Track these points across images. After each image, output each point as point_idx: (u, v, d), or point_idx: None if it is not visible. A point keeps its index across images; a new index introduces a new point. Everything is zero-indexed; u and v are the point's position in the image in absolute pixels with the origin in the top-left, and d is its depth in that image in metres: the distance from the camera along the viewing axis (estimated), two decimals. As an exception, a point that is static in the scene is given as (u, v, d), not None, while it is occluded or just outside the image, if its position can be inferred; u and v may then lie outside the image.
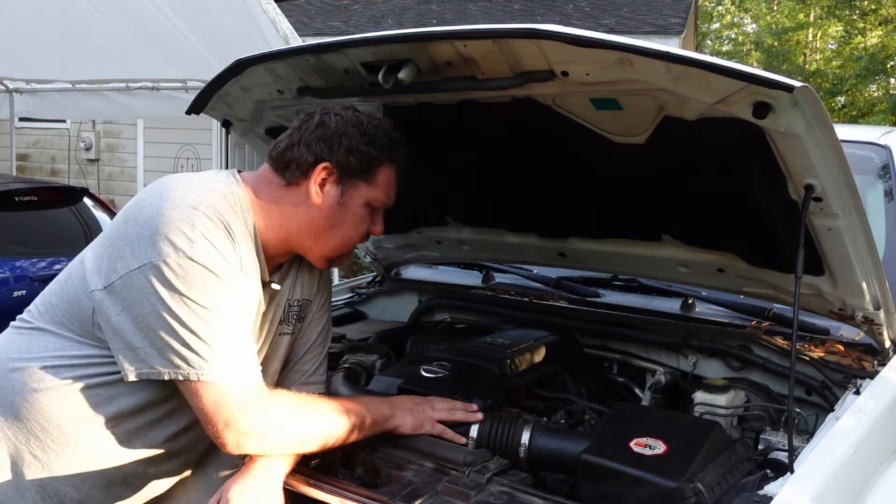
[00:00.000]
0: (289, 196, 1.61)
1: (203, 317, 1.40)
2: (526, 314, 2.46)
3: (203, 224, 1.43)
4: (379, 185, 1.65)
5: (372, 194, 1.65)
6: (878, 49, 15.60)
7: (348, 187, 1.62)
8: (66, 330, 1.52)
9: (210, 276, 1.41)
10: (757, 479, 1.50)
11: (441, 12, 11.81)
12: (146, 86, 6.55)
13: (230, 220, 1.49)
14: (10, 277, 4.68)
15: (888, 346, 1.92)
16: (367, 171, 1.62)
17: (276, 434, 1.48)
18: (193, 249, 1.40)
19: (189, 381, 1.41)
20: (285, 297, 1.72)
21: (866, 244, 1.68)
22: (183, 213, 1.43)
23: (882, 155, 2.53)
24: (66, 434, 1.51)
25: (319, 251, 1.66)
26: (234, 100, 2.04)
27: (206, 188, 1.51)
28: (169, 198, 1.46)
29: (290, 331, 1.75)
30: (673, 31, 10.39)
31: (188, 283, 1.40)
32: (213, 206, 1.47)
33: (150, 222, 1.43)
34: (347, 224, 1.65)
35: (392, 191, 1.69)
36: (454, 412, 1.72)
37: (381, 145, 1.63)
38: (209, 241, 1.43)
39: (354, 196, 1.63)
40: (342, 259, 1.71)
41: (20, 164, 10.24)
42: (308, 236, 1.63)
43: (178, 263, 1.39)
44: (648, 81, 1.51)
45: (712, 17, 25.87)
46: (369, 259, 2.83)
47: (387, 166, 1.65)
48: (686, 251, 2.08)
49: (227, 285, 1.44)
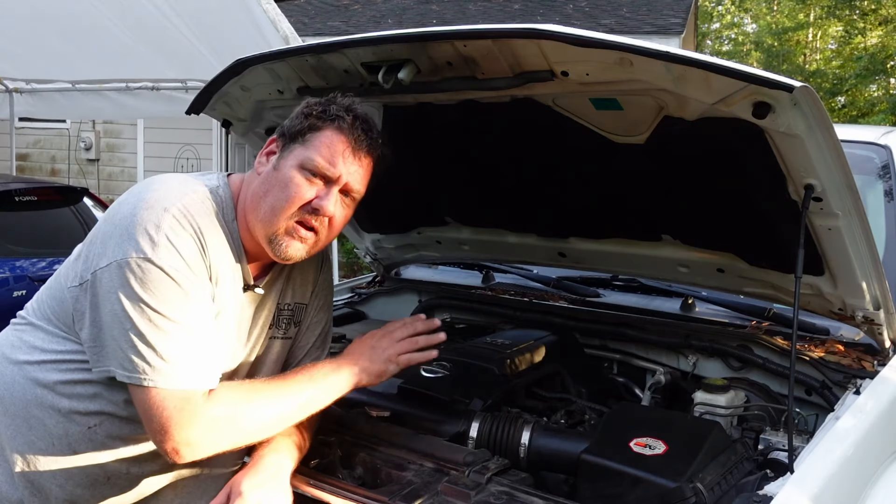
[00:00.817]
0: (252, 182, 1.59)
1: (154, 322, 1.38)
2: (526, 314, 2.46)
3: (169, 226, 1.41)
4: (313, 146, 1.53)
5: (303, 154, 1.53)
6: (878, 49, 15.59)
7: (286, 152, 1.55)
8: (52, 325, 1.54)
9: (167, 281, 1.39)
10: (757, 479, 1.50)
11: (441, 12, 11.81)
12: (146, 86, 6.55)
13: (203, 224, 1.47)
14: (10, 277, 4.68)
15: (888, 346, 1.92)
16: (302, 133, 1.55)
17: (214, 439, 1.45)
18: (154, 251, 1.39)
19: (133, 385, 1.40)
20: (275, 302, 1.69)
21: (866, 244, 1.68)
22: (153, 213, 1.42)
23: (882, 155, 2.53)
24: (50, 431, 1.52)
25: (260, 230, 1.54)
26: (234, 100, 2.04)
27: (186, 190, 1.49)
28: (145, 198, 1.45)
29: (282, 335, 1.73)
30: (673, 31, 10.39)
31: (145, 286, 1.38)
32: (186, 209, 1.45)
33: (123, 221, 1.43)
34: (276, 188, 1.53)
35: (334, 157, 1.53)
36: (415, 340, 1.68)
37: (322, 111, 1.55)
38: (172, 244, 1.41)
39: (287, 159, 1.54)
40: (283, 239, 1.53)
41: (20, 164, 10.24)
42: (252, 213, 1.55)
43: (137, 264, 1.38)
44: (648, 81, 1.51)
45: (712, 17, 25.87)
46: (369, 259, 2.83)
47: (327, 129, 1.54)
48: (686, 251, 2.08)
49: (184, 291, 1.41)
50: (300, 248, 1.55)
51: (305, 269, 1.74)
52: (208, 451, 1.45)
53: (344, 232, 2.77)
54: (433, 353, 1.70)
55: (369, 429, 1.72)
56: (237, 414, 1.47)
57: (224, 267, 1.52)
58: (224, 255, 1.52)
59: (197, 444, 1.42)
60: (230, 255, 1.54)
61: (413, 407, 1.83)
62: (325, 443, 1.68)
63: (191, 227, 1.44)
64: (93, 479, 1.55)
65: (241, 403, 1.48)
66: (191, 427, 1.40)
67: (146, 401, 1.40)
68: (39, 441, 1.52)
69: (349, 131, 1.55)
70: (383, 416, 1.78)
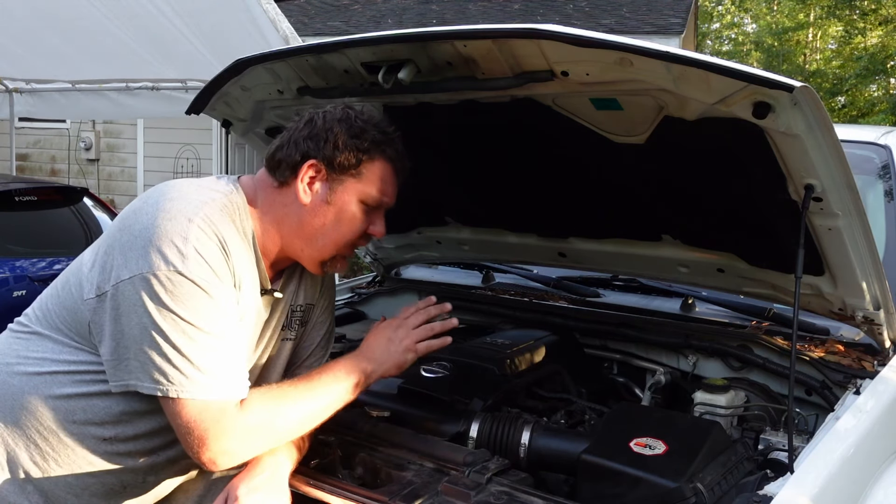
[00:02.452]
0: (281, 197, 1.58)
1: (188, 333, 1.37)
2: (526, 314, 2.46)
3: (196, 237, 1.40)
4: (370, 180, 1.58)
5: (362, 190, 1.58)
6: (878, 49, 15.60)
7: (337, 184, 1.56)
8: (63, 336, 1.51)
9: (198, 293, 1.39)
10: (757, 480, 1.50)
11: (441, 12, 11.81)
12: (146, 86, 6.55)
13: (226, 232, 1.46)
14: (9, 277, 4.68)
15: (888, 346, 1.92)
16: (355, 166, 1.56)
17: (251, 446, 1.46)
18: (185, 264, 1.38)
19: (167, 398, 1.39)
20: (288, 303, 1.70)
21: (866, 244, 1.68)
22: (177, 224, 1.40)
23: (882, 155, 2.53)
24: (64, 442, 1.50)
25: (311, 253, 1.61)
26: (234, 100, 2.04)
27: (204, 198, 1.48)
28: (165, 207, 1.43)
29: (292, 336, 1.73)
30: (673, 31, 10.40)
31: (176, 297, 1.37)
32: (209, 219, 1.44)
33: (145, 232, 1.40)
34: (337, 223, 1.58)
35: (388, 187, 1.61)
36: (431, 327, 1.70)
37: (370, 139, 1.57)
38: (201, 255, 1.40)
39: (343, 193, 1.57)
40: (336, 263, 1.64)
41: (20, 164, 10.24)
42: (299, 238, 1.58)
43: (167, 277, 1.37)
44: (648, 81, 1.51)
45: (712, 16, 25.87)
46: (369, 259, 2.83)
47: (379, 161, 1.58)
48: (686, 251, 2.08)
49: (215, 302, 1.41)
50: (343, 266, 1.65)
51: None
52: (245, 458, 1.47)
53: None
54: (448, 340, 1.70)
55: (369, 429, 1.72)
56: (271, 420, 1.48)
57: (245, 272, 1.52)
58: (244, 261, 1.52)
59: (234, 453, 1.44)
60: (249, 261, 1.55)
61: (413, 407, 1.83)
62: (325, 443, 1.68)
63: (216, 237, 1.44)
64: (108, 488, 1.55)
65: (273, 409, 1.49)
66: (228, 437, 1.41)
67: (182, 413, 1.39)
68: (54, 452, 1.51)
69: (398, 161, 1.62)
70: (383, 416, 1.78)
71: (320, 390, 1.54)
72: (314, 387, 1.55)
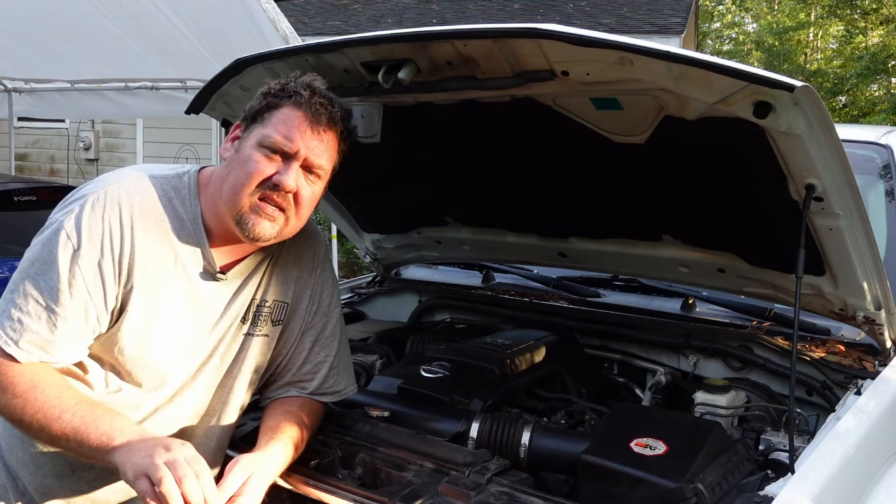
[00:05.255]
0: (220, 170, 1.60)
1: (34, 283, 1.48)
2: (526, 314, 2.46)
3: (94, 200, 1.48)
4: (271, 123, 1.52)
5: (261, 132, 1.52)
6: (879, 48, 15.60)
7: (246, 133, 1.56)
8: None
9: (56, 245, 1.47)
10: (758, 480, 1.50)
11: (441, 12, 11.81)
12: (146, 85, 6.56)
13: (147, 208, 1.51)
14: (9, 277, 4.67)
15: (889, 347, 1.92)
16: (261, 112, 1.54)
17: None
18: (67, 218, 1.47)
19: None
20: (248, 295, 1.64)
21: (867, 244, 1.68)
22: (92, 186, 1.52)
23: (883, 155, 2.52)
24: None
25: (226, 211, 1.53)
26: (233, 100, 2.03)
27: (144, 174, 1.56)
28: (103, 176, 1.55)
29: (258, 332, 1.67)
30: (673, 30, 10.40)
31: (42, 242, 1.49)
32: (125, 190, 1.51)
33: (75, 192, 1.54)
34: (237, 168, 1.53)
35: (291, 132, 1.50)
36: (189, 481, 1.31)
37: (280, 89, 1.54)
38: (85, 215, 1.47)
39: (247, 140, 1.54)
40: (249, 218, 1.51)
41: (19, 164, 10.25)
42: (217, 196, 1.56)
43: (50, 224, 1.50)
44: (649, 81, 1.51)
45: (713, 16, 25.88)
46: (369, 259, 2.83)
47: (286, 107, 1.52)
48: (686, 251, 2.08)
49: (70, 267, 1.46)
50: (269, 226, 1.52)
51: (286, 266, 1.70)
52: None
53: (344, 232, 2.78)
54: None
55: (369, 429, 1.72)
56: (7, 399, 1.42)
57: (162, 251, 1.52)
58: (165, 240, 1.53)
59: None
60: (177, 240, 1.54)
61: (413, 407, 1.82)
62: (324, 443, 1.68)
63: (118, 207, 1.49)
64: (59, 470, 1.56)
65: (17, 393, 1.42)
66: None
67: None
68: (11, 428, 1.53)
69: (307, 106, 1.52)
70: (383, 416, 1.78)
71: (70, 421, 1.40)
72: (68, 416, 1.40)
